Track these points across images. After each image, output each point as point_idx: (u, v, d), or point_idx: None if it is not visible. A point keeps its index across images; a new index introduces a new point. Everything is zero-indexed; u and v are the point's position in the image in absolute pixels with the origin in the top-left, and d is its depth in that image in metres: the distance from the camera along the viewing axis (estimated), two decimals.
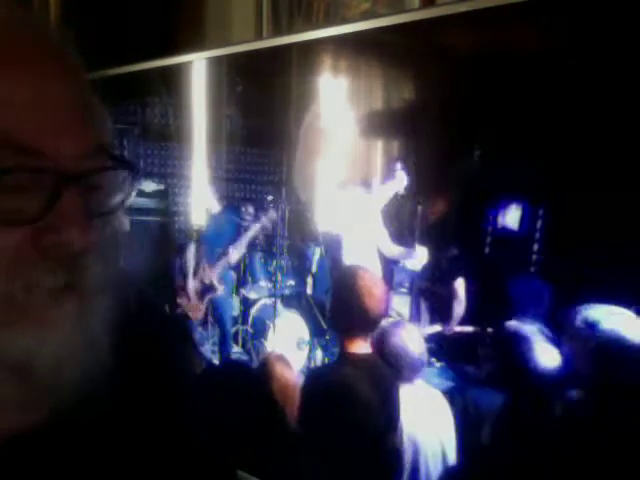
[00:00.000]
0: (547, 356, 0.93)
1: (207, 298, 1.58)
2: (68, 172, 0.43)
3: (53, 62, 0.45)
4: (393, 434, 1.09)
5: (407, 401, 1.11)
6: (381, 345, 1.15)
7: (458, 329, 1.07)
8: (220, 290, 1.57)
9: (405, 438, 1.10)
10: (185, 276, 1.58)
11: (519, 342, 0.97)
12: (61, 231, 0.42)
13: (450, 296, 1.05)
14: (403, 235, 1.10)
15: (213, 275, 1.57)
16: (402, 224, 1.10)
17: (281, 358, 1.34)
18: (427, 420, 1.11)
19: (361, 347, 1.15)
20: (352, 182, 1.16)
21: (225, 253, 1.54)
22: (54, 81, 0.44)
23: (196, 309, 1.58)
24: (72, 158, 0.43)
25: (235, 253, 1.53)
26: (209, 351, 1.58)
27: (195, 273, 1.58)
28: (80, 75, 0.48)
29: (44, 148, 0.42)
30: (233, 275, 1.57)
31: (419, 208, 1.04)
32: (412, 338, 1.15)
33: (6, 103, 0.41)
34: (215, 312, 1.60)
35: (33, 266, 0.42)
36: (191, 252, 1.60)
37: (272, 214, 1.42)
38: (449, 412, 1.12)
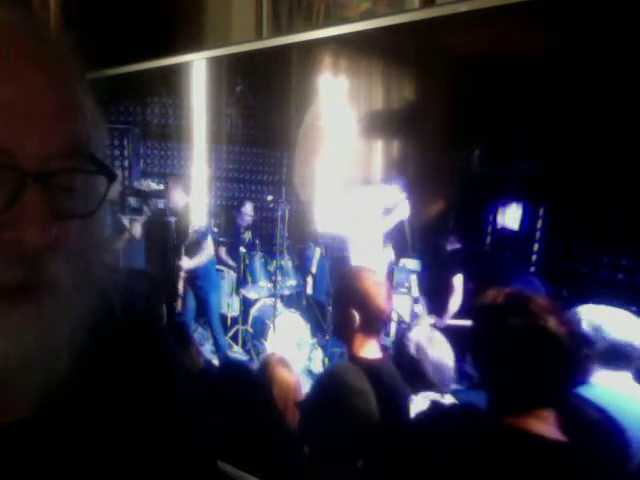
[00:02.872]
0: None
1: (179, 298, 1.60)
2: (31, 170, 0.42)
3: (34, 61, 0.44)
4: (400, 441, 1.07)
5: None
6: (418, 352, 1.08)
7: (452, 324, 1.05)
8: (181, 290, 1.59)
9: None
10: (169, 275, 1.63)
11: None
12: (20, 228, 0.42)
13: (448, 295, 1.05)
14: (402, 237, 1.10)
15: (179, 277, 1.59)
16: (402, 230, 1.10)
17: (280, 359, 1.34)
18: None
19: (369, 351, 1.15)
20: (352, 182, 1.16)
21: (181, 257, 1.57)
22: (30, 81, 0.43)
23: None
24: (38, 157, 0.43)
25: (191, 261, 1.57)
26: (208, 351, 1.58)
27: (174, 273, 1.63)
28: (68, 76, 0.47)
29: (8, 145, 0.41)
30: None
31: (418, 210, 1.04)
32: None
33: None
34: (203, 310, 1.62)
35: None
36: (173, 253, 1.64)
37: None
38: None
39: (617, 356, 0.83)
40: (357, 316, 1.14)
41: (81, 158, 0.47)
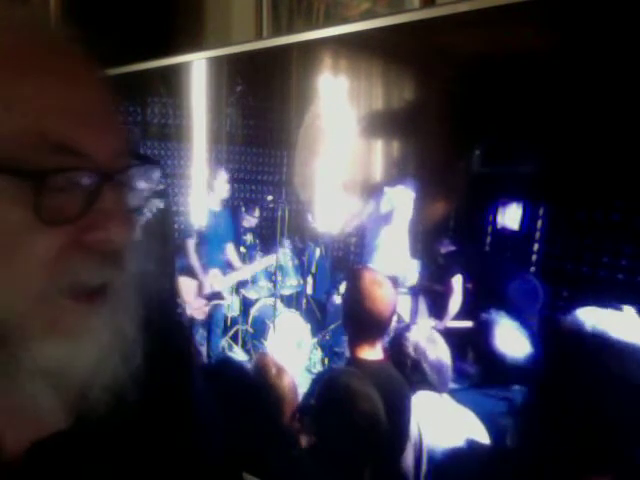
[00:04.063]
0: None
1: (212, 303, 1.59)
2: (106, 170, 0.43)
3: (82, 65, 0.45)
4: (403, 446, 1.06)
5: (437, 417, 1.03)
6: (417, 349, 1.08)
7: (452, 325, 1.05)
8: (228, 301, 1.57)
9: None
10: (191, 276, 1.59)
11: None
12: (103, 228, 0.42)
13: (447, 294, 1.05)
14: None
15: (224, 285, 1.57)
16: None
17: (272, 358, 1.34)
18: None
19: (371, 353, 1.15)
20: (352, 182, 1.16)
21: (236, 269, 1.55)
22: (85, 83, 0.44)
23: (200, 310, 1.59)
24: (109, 156, 0.43)
25: (247, 272, 1.54)
26: (205, 351, 1.58)
27: (201, 274, 1.59)
28: (102, 76, 0.48)
29: (83, 148, 0.42)
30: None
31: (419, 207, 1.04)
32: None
33: (42, 106, 0.41)
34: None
35: (79, 264, 0.43)
36: (192, 252, 1.61)
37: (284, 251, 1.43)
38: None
39: (619, 359, 0.83)
40: (359, 317, 1.14)
41: (131, 153, 0.48)
